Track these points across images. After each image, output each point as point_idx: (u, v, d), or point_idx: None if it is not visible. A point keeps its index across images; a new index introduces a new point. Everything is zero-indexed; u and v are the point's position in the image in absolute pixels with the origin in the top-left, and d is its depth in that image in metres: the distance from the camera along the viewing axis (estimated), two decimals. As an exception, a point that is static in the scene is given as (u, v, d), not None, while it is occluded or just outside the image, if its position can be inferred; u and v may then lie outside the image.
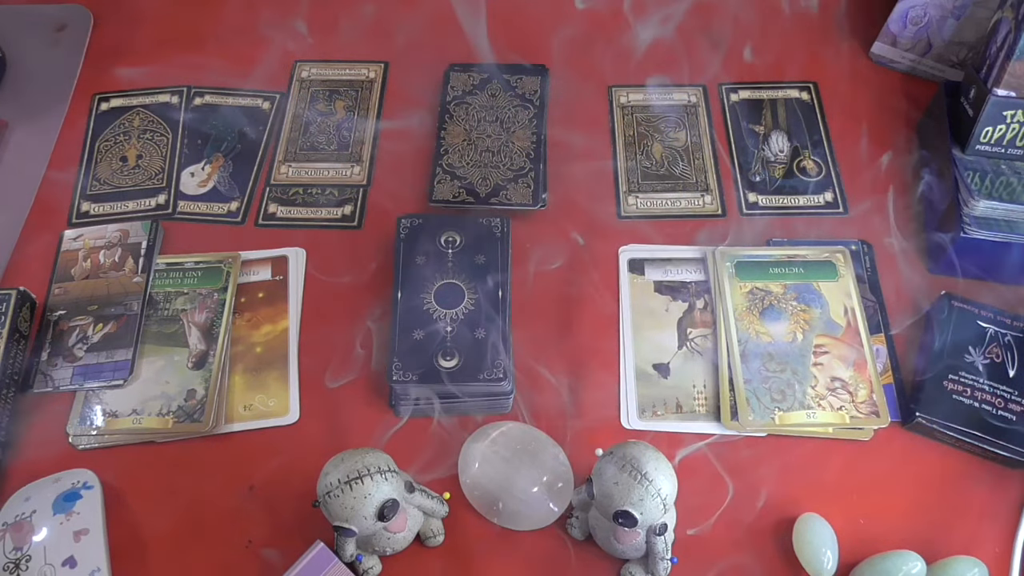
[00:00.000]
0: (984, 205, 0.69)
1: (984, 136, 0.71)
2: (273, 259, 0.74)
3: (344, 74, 0.87)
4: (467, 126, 0.81)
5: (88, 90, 0.85)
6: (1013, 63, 0.68)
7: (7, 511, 0.60)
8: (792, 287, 0.71)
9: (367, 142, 0.82)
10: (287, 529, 0.61)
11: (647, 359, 0.69)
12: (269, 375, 0.69)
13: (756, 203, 0.78)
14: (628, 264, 0.74)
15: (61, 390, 0.67)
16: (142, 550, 0.61)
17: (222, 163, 0.80)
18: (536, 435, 0.65)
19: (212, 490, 0.64)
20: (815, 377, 0.67)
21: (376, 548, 0.58)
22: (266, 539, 0.61)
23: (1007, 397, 0.65)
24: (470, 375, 0.64)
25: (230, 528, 0.62)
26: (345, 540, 0.55)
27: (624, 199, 0.78)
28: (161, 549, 0.61)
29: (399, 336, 0.65)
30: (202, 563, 0.61)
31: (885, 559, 0.58)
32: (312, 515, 0.57)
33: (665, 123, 0.83)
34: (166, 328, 0.70)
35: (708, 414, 0.67)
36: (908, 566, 0.57)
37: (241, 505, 0.63)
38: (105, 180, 0.79)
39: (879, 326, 0.70)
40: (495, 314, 0.66)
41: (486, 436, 0.64)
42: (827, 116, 0.83)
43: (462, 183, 0.77)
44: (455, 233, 0.70)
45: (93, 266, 0.73)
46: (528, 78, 0.84)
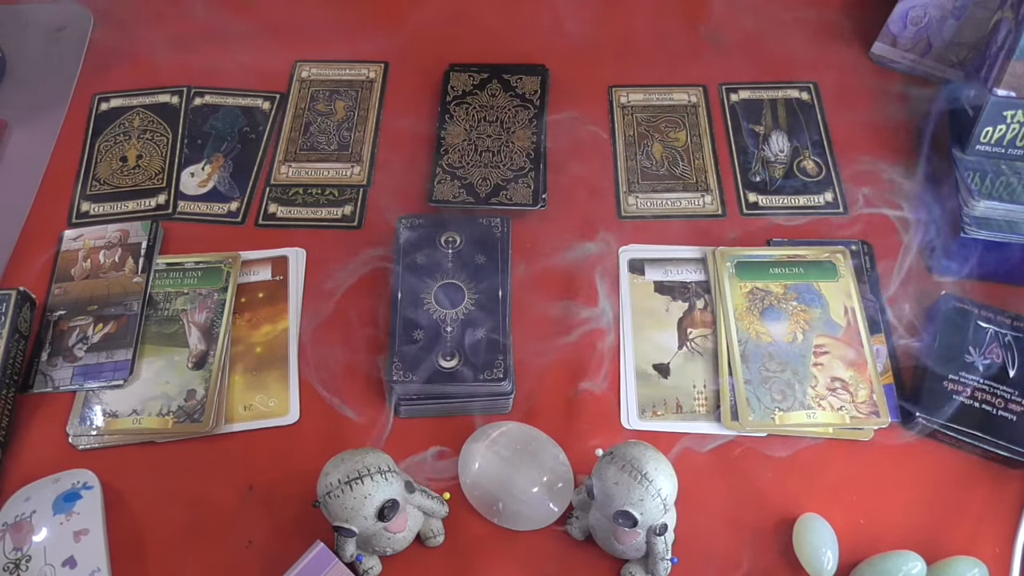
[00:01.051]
0: (984, 205, 0.69)
1: (984, 136, 0.71)
2: (273, 259, 0.74)
3: (344, 74, 0.87)
4: (467, 126, 0.81)
5: (88, 90, 0.85)
6: (1013, 63, 0.68)
7: (7, 511, 0.60)
8: (792, 287, 0.71)
9: (367, 142, 0.82)
10: (287, 529, 0.61)
11: (647, 359, 0.69)
12: (269, 375, 0.69)
13: (756, 203, 0.78)
14: (628, 264, 0.74)
15: (61, 390, 0.67)
16: (142, 550, 0.61)
17: (222, 163, 0.80)
18: (536, 435, 0.65)
19: (212, 490, 0.64)
20: (815, 377, 0.67)
21: (376, 548, 0.58)
22: (266, 539, 0.61)
23: (1007, 397, 0.65)
24: (470, 375, 0.64)
25: (230, 528, 0.62)
26: (345, 540, 0.55)
27: (624, 199, 0.78)
28: (161, 549, 0.61)
29: (399, 336, 0.65)
30: (202, 563, 0.61)
31: (885, 559, 0.58)
32: (312, 515, 0.57)
33: (665, 123, 0.83)
34: (166, 328, 0.70)
35: (708, 414, 0.67)
36: (908, 566, 0.57)
37: (241, 505, 0.63)
38: (105, 180, 0.79)
39: (879, 326, 0.70)
40: (495, 314, 0.66)
41: (486, 436, 0.64)
42: (827, 116, 0.83)
43: (462, 183, 0.77)
44: (455, 233, 0.70)
45: (93, 266, 0.73)
46: (528, 78, 0.84)
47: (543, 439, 0.65)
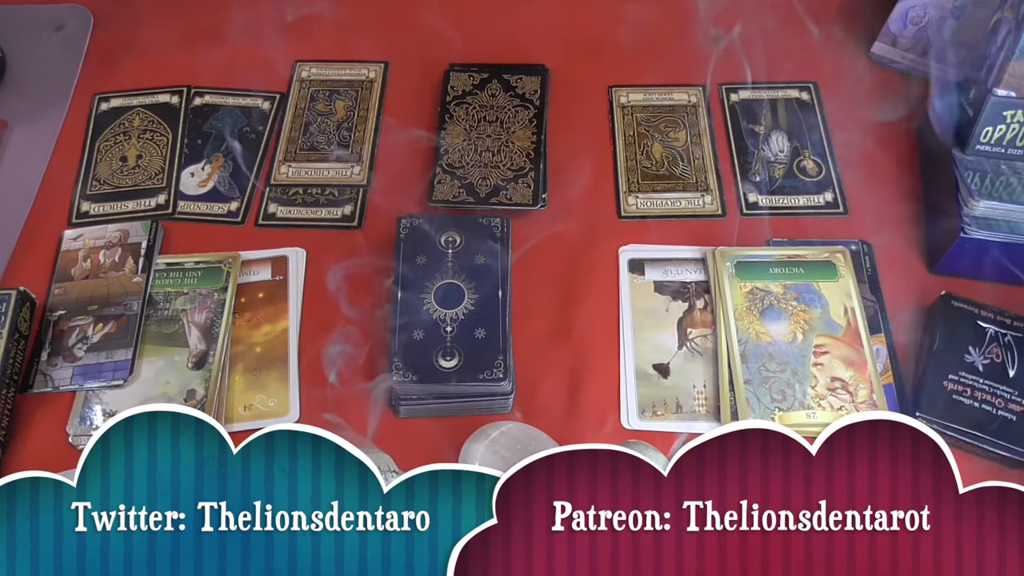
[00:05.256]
0: (984, 205, 0.69)
1: (984, 136, 0.71)
2: (273, 259, 0.74)
3: (344, 74, 0.87)
4: (467, 126, 0.81)
5: (88, 90, 0.85)
6: (1013, 63, 0.68)
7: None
8: (792, 287, 0.71)
9: (367, 142, 0.82)
10: (287, 529, 0.61)
11: (647, 359, 0.69)
12: (269, 375, 0.69)
13: (756, 203, 0.78)
14: (628, 264, 0.74)
15: (61, 390, 0.67)
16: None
17: (222, 163, 0.80)
18: (536, 435, 0.65)
19: (212, 490, 0.64)
20: (815, 377, 0.67)
21: (376, 548, 0.58)
22: (266, 539, 0.61)
23: (1007, 397, 0.65)
24: (470, 375, 0.64)
25: (230, 528, 0.62)
26: (345, 540, 0.55)
27: (624, 199, 0.78)
28: (161, 549, 0.61)
29: (399, 336, 0.65)
30: (202, 563, 0.61)
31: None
32: (312, 515, 0.57)
33: (665, 123, 0.83)
34: (166, 328, 0.70)
35: (708, 414, 0.67)
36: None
37: (241, 505, 0.63)
38: (105, 180, 0.79)
39: (879, 326, 0.70)
40: (495, 314, 0.66)
41: (486, 436, 0.64)
42: (827, 116, 0.83)
43: (462, 183, 0.77)
44: (455, 233, 0.70)
45: (93, 266, 0.73)
46: (528, 78, 0.84)
47: (543, 439, 0.65)
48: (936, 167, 0.76)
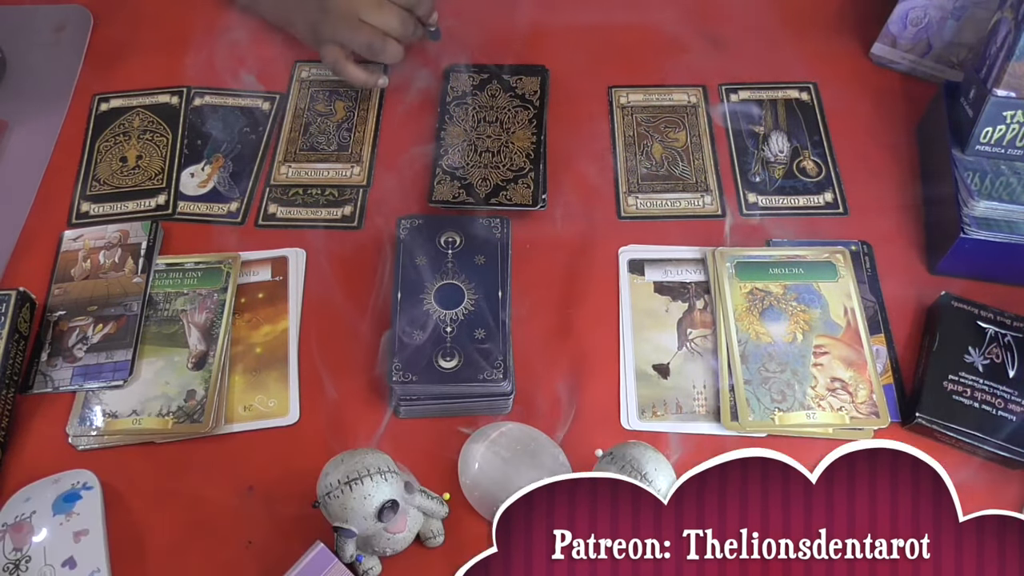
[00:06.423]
0: (984, 205, 0.69)
1: (984, 136, 0.71)
2: (273, 259, 0.74)
3: (344, 74, 0.87)
4: (467, 126, 0.81)
5: (88, 90, 0.85)
6: (1013, 63, 0.68)
7: (7, 512, 0.60)
8: (792, 287, 0.71)
9: (367, 142, 0.82)
10: (287, 529, 0.61)
11: (647, 359, 0.69)
12: (269, 375, 0.69)
13: (756, 203, 0.78)
14: (628, 264, 0.74)
15: (61, 390, 0.67)
16: (142, 550, 0.61)
17: (222, 163, 0.80)
18: (536, 435, 0.65)
19: (212, 490, 0.64)
20: (815, 377, 0.67)
21: (376, 549, 0.58)
22: (266, 539, 0.61)
23: (1007, 397, 0.65)
24: (470, 376, 0.64)
25: (230, 528, 0.62)
26: (345, 541, 0.55)
27: (624, 199, 0.78)
28: (161, 549, 0.61)
29: (399, 337, 0.65)
30: (202, 563, 0.61)
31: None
32: (312, 515, 0.57)
33: (665, 123, 0.83)
34: (166, 328, 0.70)
35: (708, 415, 0.67)
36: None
37: (241, 505, 0.63)
38: (105, 180, 0.79)
39: (879, 326, 0.70)
40: (495, 314, 0.66)
41: (486, 436, 0.64)
42: (827, 116, 0.83)
43: (462, 183, 0.77)
44: (455, 233, 0.70)
45: (93, 266, 0.73)
46: (528, 78, 0.84)
47: (543, 439, 0.65)
48: (936, 167, 0.76)
